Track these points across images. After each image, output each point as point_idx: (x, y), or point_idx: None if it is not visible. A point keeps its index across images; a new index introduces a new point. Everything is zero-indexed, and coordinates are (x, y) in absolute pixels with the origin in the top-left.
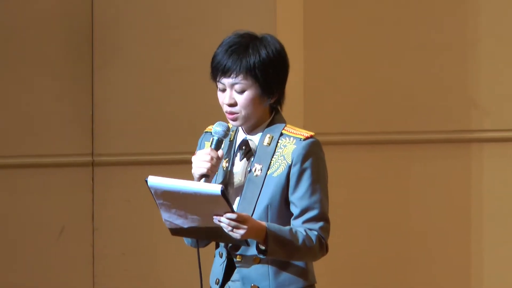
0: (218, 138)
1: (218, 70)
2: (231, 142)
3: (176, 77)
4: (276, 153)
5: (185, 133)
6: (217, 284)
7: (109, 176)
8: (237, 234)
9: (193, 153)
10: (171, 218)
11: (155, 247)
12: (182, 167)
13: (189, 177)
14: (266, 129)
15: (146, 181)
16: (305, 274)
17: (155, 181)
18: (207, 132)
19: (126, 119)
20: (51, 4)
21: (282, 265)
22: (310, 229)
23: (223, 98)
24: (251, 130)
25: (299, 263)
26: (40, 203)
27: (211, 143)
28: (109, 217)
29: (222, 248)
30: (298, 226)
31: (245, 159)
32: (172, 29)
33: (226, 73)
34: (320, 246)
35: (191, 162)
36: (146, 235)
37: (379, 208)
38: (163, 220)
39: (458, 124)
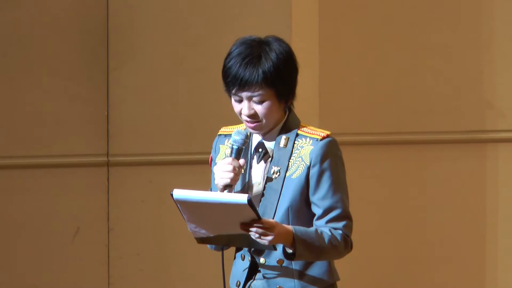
0: (238, 147)
1: (234, 84)
2: (247, 145)
3: (190, 78)
4: (294, 155)
5: (199, 133)
6: (238, 287)
7: (124, 176)
8: (265, 240)
9: (207, 154)
10: (198, 228)
11: (170, 247)
12: (196, 167)
13: (204, 176)
14: (281, 131)
15: (172, 195)
16: (329, 273)
17: (180, 193)
18: (220, 134)
19: (141, 120)
20: (67, 7)
21: (306, 266)
22: (335, 228)
23: (241, 109)
24: (266, 132)
25: (323, 263)
26: (55, 204)
27: (231, 153)
28: (124, 218)
29: (245, 251)
30: (322, 226)
31: (262, 161)
32: (186, 31)
33: (244, 86)
34: (345, 244)
35: (205, 162)
36: (161, 235)
37: (394, 208)
38: (189, 229)
39: (473, 125)
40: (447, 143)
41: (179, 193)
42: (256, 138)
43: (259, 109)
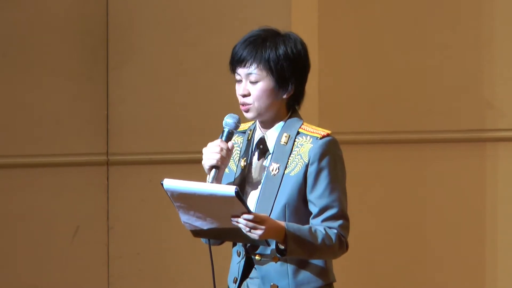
0: (229, 130)
1: (234, 61)
2: (249, 141)
3: (191, 77)
4: (293, 152)
5: (200, 132)
6: (235, 283)
7: (124, 175)
8: (255, 234)
9: None
10: (190, 220)
11: (170, 247)
12: (196, 166)
13: (204, 176)
14: (283, 128)
15: (162, 184)
16: (324, 273)
17: (171, 183)
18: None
19: (141, 119)
20: (66, 6)
21: (301, 264)
22: (330, 228)
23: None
24: (267, 128)
25: (318, 262)
26: (55, 203)
27: (221, 135)
28: (124, 217)
29: (240, 247)
30: (317, 225)
31: (263, 158)
32: (186, 30)
33: (241, 62)
34: (340, 244)
35: None
36: (161, 234)
37: (393, 207)
38: (182, 222)
39: (472, 124)
40: (447, 142)
41: (170, 183)
42: (258, 134)
43: (252, 89)
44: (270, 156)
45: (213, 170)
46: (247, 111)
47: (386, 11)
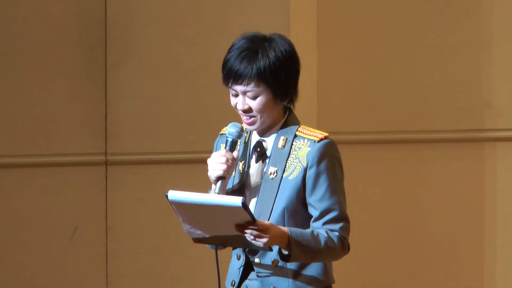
0: (233, 139)
1: (230, 77)
2: (246, 144)
3: (189, 77)
4: (291, 156)
5: (198, 132)
6: (233, 286)
7: (123, 175)
8: (260, 242)
9: (206, 152)
10: (193, 228)
11: (169, 246)
12: (195, 166)
13: (203, 175)
14: (280, 131)
15: (167, 196)
16: (324, 275)
17: (175, 195)
18: (222, 134)
19: (140, 119)
20: (65, 5)
21: (300, 267)
22: (331, 230)
23: (236, 103)
24: (265, 132)
25: (318, 264)
26: (53, 203)
27: (226, 145)
28: (122, 216)
29: (239, 250)
30: (318, 228)
31: (260, 161)
32: (185, 29)
33: (237, 80)
34: (342, 246)
35: (204, 162)
36: (159, 234)
37: (392, 207)
38: (185, 230)
39: (471, 124)
40: (446, 142)
41: (174, 195)
42: (255, 138)
43: (253, 104)
44: (268, 159)
45: (220, 181)
46: (252, 123)
47: (384, 11)
